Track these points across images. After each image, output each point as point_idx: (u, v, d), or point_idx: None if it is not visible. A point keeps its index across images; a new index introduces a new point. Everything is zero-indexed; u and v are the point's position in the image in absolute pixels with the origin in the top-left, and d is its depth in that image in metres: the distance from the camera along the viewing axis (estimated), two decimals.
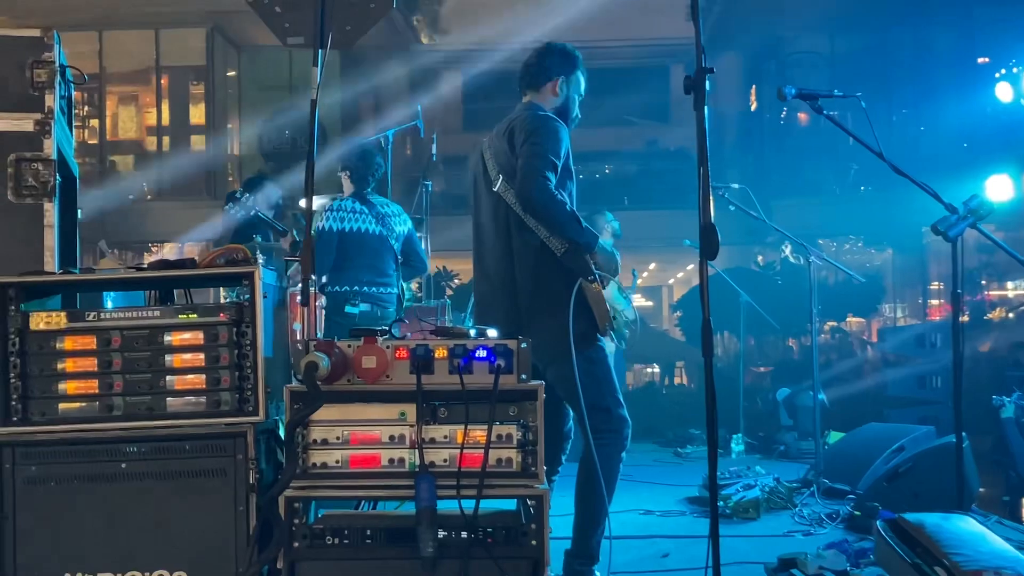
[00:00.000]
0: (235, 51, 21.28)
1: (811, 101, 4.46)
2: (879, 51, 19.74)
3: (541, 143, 4.17)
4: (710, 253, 3.35)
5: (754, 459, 8.96)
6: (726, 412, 10.02)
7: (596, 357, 4.28)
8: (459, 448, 3.12)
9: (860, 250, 21.23)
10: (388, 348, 3.18)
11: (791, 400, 9.77)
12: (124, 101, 21.78)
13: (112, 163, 21.34)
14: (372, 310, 6.38)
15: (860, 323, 18.63)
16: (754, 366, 14.69)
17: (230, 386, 3.19)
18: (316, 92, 3.49)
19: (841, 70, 20.13)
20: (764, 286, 13.82)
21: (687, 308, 15.76)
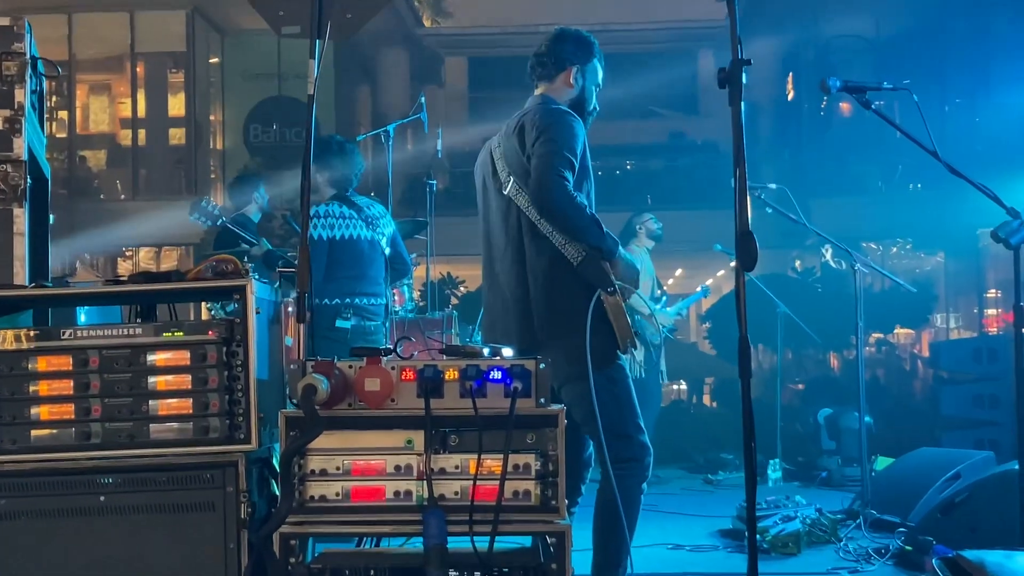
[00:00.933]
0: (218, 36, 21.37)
1: (858, 94, 4.44)
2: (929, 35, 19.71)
3: (556, 139, 4.16)
4: (747, 264, 3.34)
5: (793, 487, 8.95)
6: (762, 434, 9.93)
7: (617, 377, 4.28)
8: (472, 479, 3.12)
9: (909, 254, 21.20)
10: (393, 369, 3.18)
11: (834, 421, 9.75)
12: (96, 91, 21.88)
13: (82, 159, 21.43)
14: (363, 323, 6.39)
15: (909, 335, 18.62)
16: (791, 383, 14.68)
17: (219, 411, 3.20)
18: (313, 87, 3.50)
19: (887, 56, 20.12)
20: (802, 294, 13.82)
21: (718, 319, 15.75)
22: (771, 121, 21.77)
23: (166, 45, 20.94)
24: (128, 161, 21.27)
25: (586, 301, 4.13)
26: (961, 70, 19.41)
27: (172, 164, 20.96)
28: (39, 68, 3.83)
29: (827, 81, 4.41)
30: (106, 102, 21.83)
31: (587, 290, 4.16)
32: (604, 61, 4.68)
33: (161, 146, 21.25)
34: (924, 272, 20.19)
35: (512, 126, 4.45)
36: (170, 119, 21.36)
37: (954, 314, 20.23)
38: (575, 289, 4.20)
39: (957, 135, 18.37)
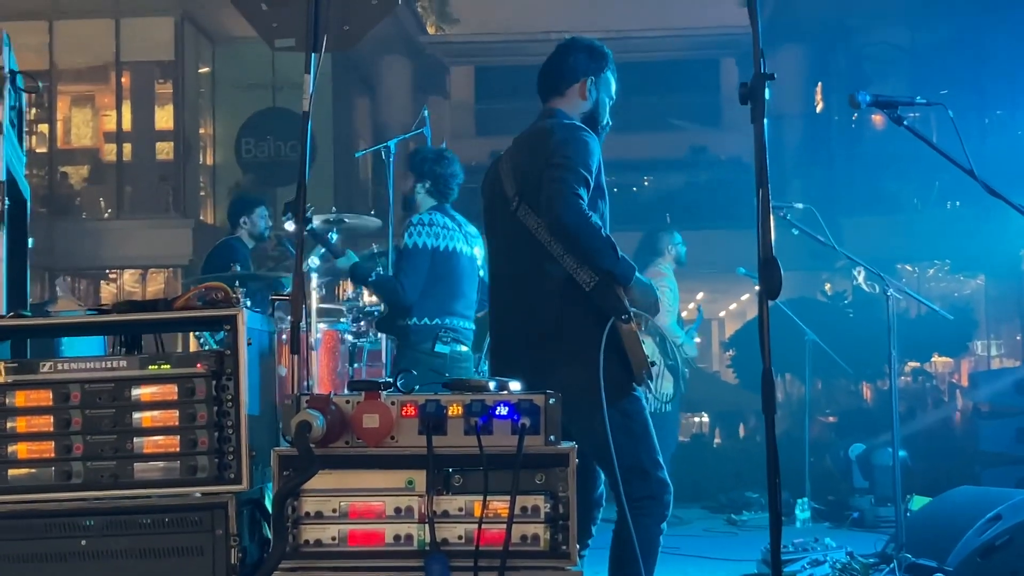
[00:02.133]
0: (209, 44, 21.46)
1: (889, 110, 4.46)
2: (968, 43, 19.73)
3: (570, 156, 4.17)
4: (772, 291, 3.35)
5: (822, 528, 8.92)
6: (789, 471, 9.98)
7: (632, 410, 4.28)
8: (477, 523, 3.13)
9: (947, 277, 21.19)
10: (393, 404, 3.19)
11: (866, 458, 9.72)
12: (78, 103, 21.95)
13: (64, 175, 21.49)
14: (457, 348, 6.36)
15: (947, 364, 18.59)
16: (821, 415, 14.66)
17: (208, 449, 3.21)
18: (309, 103, 3.54)
19: (923, 66, 20.13)
20: (833, 319, 13.82)
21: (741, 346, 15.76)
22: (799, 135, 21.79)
23: (153, 54, 20.98)
24: (112, 177, 21.32)
25: (599, 329, 4.13)
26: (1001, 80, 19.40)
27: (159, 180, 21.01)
28: (18, 83, 3.86)
29: (856, 96, 4.43)
30: (89, 114, 21.90)
31: (600, 317, 4.17)
32: (617, 72, 4.70)
33: (147, 161, 21.29)
34: (963, 296, 20.17)
35: (522, 142, 4.46)
36: (157, 132, 21.39)
37: (996, 341, 20.20)
38: (587, 316, 4.20)
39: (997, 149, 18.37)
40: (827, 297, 16.85)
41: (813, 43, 21.32)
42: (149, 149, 21.44)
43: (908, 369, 16.08)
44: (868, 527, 8.99)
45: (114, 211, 21.08)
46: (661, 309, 8.78)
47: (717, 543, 8.70)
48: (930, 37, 20.26)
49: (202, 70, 21.61)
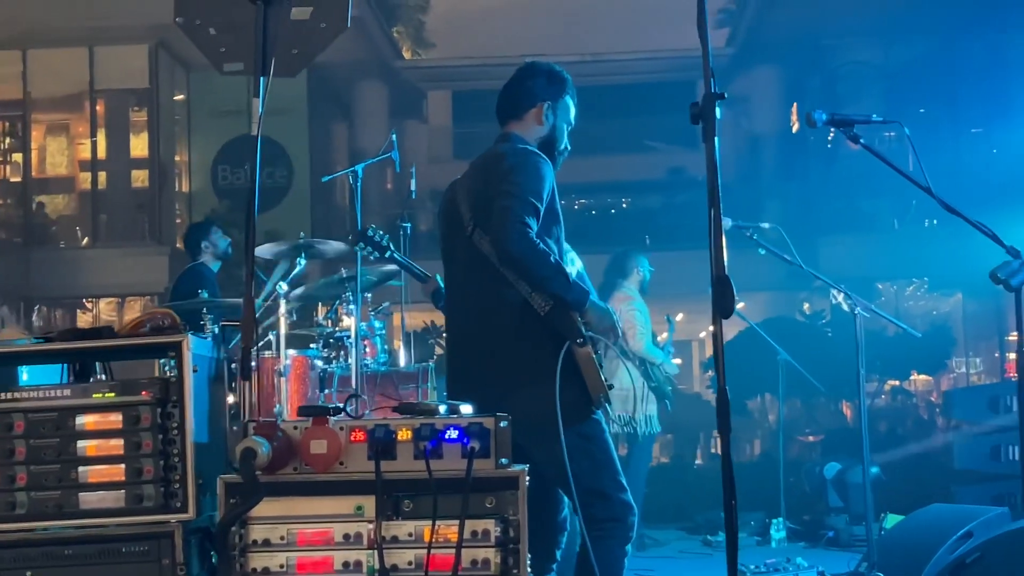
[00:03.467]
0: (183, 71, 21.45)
1: (846, 128, 4.47)
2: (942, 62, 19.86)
3: (520, 183, 4.16)
4: (724, 310, 3.35)
5: (798, 548, 8.90)
6: (765, 491, 9.97)
7: (591, 433, 4.26)
8: (426, 548, 3.10)
9: (925, 295, 21.25)
10: (342, 430, 3.17)
11: (841, 477, 9.71)
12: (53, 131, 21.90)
13: (39, 205, 21.42)
14: None
15: (926, 381, 18.62)
16: (801, 435, 14.64)
17: (154, 477, 3.18)
18: (258, 128, 3.52)
19: (898, 84, 20.24)
20: (812, 339, 13.83)
21: None
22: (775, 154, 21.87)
23: (128, 81, 20.94)
24: (88, 206, 21.26)
25: (556, 353, 4.11)
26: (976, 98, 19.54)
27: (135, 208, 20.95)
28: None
29: (812, 115, 4.44)
30: (64, 143, 21.84)
31: (556, 341, 4.15)
32: (595, 95, 4.70)
33: (123, 189, 21.23)
34: (942, 314, 20.22)
35: (477, 166, 4.46)
36: (132, 160, 21.33)
37: (974, 359, 20.24)
38: (543, 340, 4.18)
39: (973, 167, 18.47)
40: (805, 317, 16.88)
41: (788, 64, 21.42)
42: (124, 177, 21.38)
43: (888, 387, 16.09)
44: (843, 546, 8.98)
45: (90, 239, 21.02)
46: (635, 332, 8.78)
47: (692, 564, 8.69)
48: (904, 56, 20.38)
49: (177, 97, 21.58)
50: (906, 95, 19.92)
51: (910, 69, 20.17)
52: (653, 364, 8.88)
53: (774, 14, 19.84)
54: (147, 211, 20.80)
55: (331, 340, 7.68)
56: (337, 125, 23.16)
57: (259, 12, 3.56)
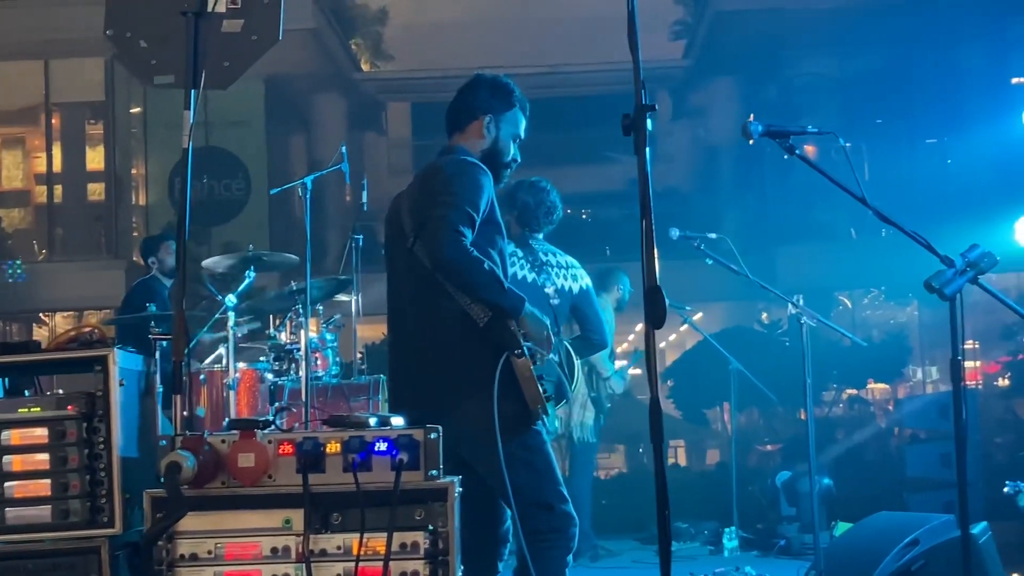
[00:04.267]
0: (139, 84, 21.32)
1: (781, 139, 4.49)
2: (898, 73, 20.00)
3: (456, 192, 4.17)
4: (656, 320, 3.36)
5: (750, 556, 8.93)
6: (718, 501, 10.01)
7: (532, 443, 4.27)
8: (355, 561, 3.10)
9: (882, 304, 21.38)
10: (270, 443, 3.16)
11: (792, 485, 9.74)
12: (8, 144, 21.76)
13: None
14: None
15: (884, 390, 18.72)
16: (760, 444, 14.69)
17: (80, 492, 3.17)
18: (188, 139, 3.52)
19: (854, 96, 20.35)
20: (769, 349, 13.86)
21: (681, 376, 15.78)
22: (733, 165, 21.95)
23: (83, 94, 20.82)
24: (44, 219, 21.12)
25: (494, 365, 4.12)
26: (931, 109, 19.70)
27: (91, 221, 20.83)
28: None
29: (748, 126, 4.45)
30: (19, 157, 21.70)
31: (495, 353, 4.16)
32: (535, 109, 4.71)
33: (79, 202, 21.11)
34: (898, 323, 20.34)
35: (418, 178, 4.46)
36: (88, 173, 21.20)
37: (931, 367, 20.38)
38: (483, 352, 4.18)
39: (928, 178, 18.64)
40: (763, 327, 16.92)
41: (744, 75, 21.51)
42: (81, 190, 21.27)
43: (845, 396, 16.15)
44: (795, 554, 9.00)
45: (47, 253, 20.88)
46: None
47: (644, 574, 8.69)
48: (860, 68, 20.50)
49: (133, 110, 21.46)
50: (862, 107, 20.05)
51: (866, 81, 20.29)
52: (600, 375, 8.89)
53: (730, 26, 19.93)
54: (104, 224, 20.68)
55: (282, 353, 7.66)
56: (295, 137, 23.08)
57: (190, 24, 3.56)
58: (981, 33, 19.15)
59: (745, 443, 13.29)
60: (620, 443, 17.77)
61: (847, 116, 19.97)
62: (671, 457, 17.00)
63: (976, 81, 19.20)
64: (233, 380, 7.12)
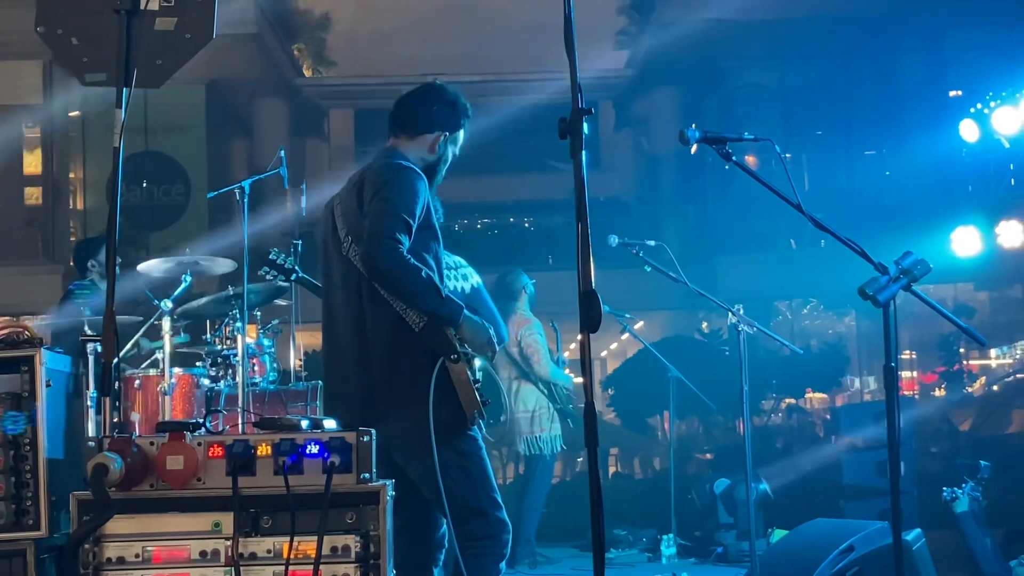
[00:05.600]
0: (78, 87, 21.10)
1: (718, 146, 4.51)
2: (837, 84, 20.20)
3: (392, 199, 4.15)
4: (591, 324, 3.35)
5: (687, 564, 8.96)
6: (656, 508, 10.03)
7: (467, 449, 4.26)
8: (284, 564, 3.07)
9: (821, 313, 21.57)
10: (200, 446, 3.13)
11: (730, 493, 9.78)
12: None
13: None
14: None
15: (822, 399, 18.87)
16: (699, 452, 14.75)
17: (5, 495, 3.13)
18: (119, 138, 3.47)
19: (794, 106, 20.54)
20: (709, 357, 13.94)
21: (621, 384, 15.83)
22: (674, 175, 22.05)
23: (21, 97, 20.54)
24: None
25: (429, 370, 4.11)
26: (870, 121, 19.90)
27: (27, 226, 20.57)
28: None
29: (685, 132, 4.48)
30: None
31: (431, 358, 4.15)
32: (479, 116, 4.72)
33: (15, 206, 20.82)
34: (836, 332, 20.53)
35: (354, 181, 4.44)
36: (25, 177, 20.94)
37: (868, 377, 20.56)
38: (418, 357, 4.17)
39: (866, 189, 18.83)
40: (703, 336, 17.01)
41: (686, 85, 21.62)
42: (17, 194, 20.99)
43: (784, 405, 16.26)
44: (732, 561, 9.04)
45: None
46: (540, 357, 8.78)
47: None
48: (800, 79, 20.69)
49: (72, 114, 21.22)
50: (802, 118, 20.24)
51: (806, 92, 20.49)
52: (557, 386, 8.93)
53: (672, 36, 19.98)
54: (40, 228, 20.44)
55: (219, 358, 7.60)
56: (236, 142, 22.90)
57: (122, 22, 3.52)
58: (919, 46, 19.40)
59: (684, 451, 13.34)
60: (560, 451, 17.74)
61: (787, 127, 20.15)
62: (612, 465, 17.00)
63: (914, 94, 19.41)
64: (169, 385, 7.06)
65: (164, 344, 7.15)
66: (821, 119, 20.30)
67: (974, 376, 17.47)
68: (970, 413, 13.82)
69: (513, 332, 8.75)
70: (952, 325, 5.01)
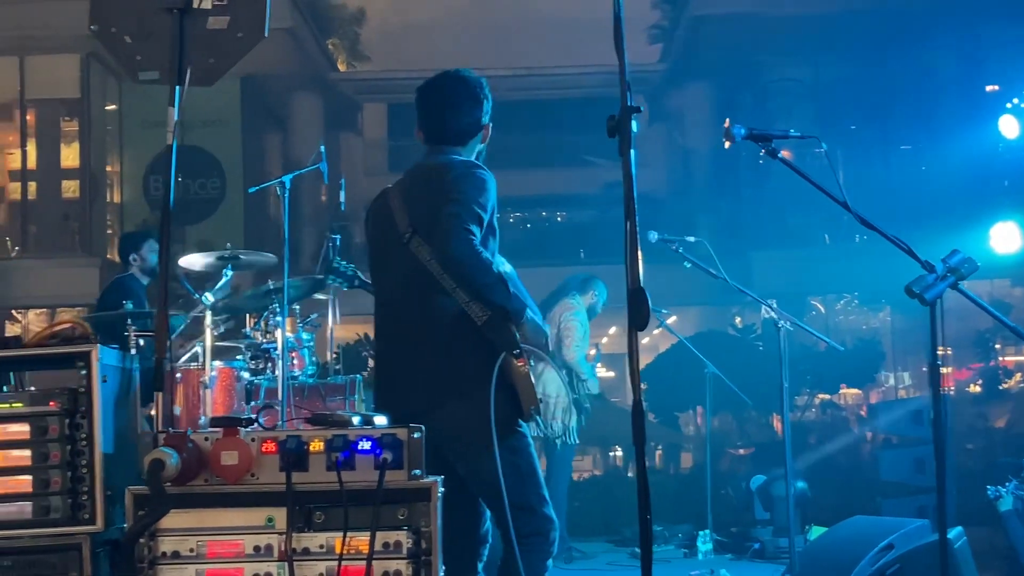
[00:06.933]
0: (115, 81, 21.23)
1: (764, 143, 4.50)
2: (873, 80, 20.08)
3: (466, 191, 4.18)
4: (639, 322, 3.36)
5: (724, 560, 8.95)
6: (692, 504, 10.02)
7: (519, 446, 4.27)
8: (337, 560, 3.09)
9: (856, 309, 21.47)
10: (253, 441, 3.15)
11: (766, 489, 9.76)
12: None
13: None
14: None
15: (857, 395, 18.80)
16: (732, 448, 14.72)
17: (61, 489, 3.15)
18: (172, 136, 3.49)
19: (829, 101, 20.44)
20: (743, 352, 13.90)
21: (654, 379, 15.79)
22: (708, 170, 21.99)
23: (59, 91, 20.72)
24: (17, 216, 21.00)
25: (489, 364, 4.11)
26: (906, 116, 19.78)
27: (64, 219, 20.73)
28: None
29: (731, 129, 4.47)
30: None
31: (491, 352, 4.15)
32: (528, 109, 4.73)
33: (53, 200, 21.00)
34: (871, 328, 20.42)
35: (417, 175, 4.45)
36: (63, 171, 21.08)
37: (903, 372, 20.46)
38: (478, 351, 4.17)
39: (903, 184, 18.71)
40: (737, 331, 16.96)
41: (720, 80, 21.56)
42: (55, 187, 21.15)
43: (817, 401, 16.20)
44: (769, 558, 9.03)
45: (20, 250, 20.76)
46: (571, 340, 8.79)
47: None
48: (835, 74, 20.58)
49: (109, 107, 21.36)
50: (837, 112, 20.13)
51: (841, 86, 20.38)
52: (578, 377, 8.91)
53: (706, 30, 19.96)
54: (77, 222, 20.58)
55: (258, 352, 7.63)
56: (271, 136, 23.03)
57: (175, 21, 3.54)
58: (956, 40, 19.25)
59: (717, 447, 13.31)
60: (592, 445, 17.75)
61: (821, 121, 20.04)
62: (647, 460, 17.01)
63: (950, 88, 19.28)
64: (210, 378, 7.09)
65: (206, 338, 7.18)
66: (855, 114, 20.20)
67: (1010, 372, 17.34)
68: (1006, 410, 13.74)
69: (557, 313, 8.81)
70: (990, 321, 4.98)
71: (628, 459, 17.68)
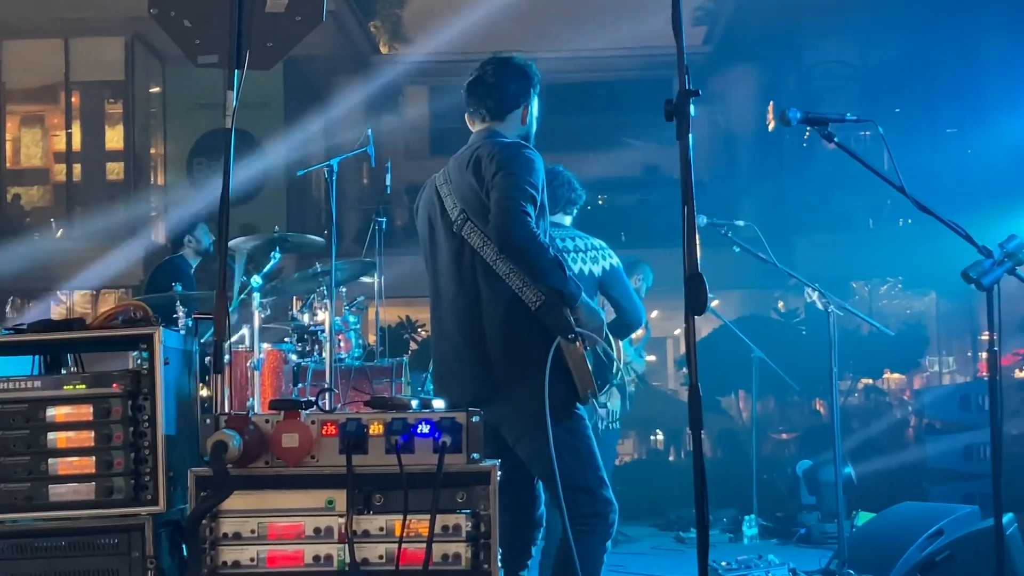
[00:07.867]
0: (159, 64, 21.32)
1: (820, 127, 4.48)
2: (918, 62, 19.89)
3: (518, 173, 4.17)
4: (697, 307, 3.36)
5: (770, 544, 8.94)
6: (738, 488, 10.00)
7: (576, 428, 4.28)
8: (397, 542, 3.11)
9: (899, 294, 21.31)
10: (314, 424, 3.18)
11: (813, 474, 9.74)
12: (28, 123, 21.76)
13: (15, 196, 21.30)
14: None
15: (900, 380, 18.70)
16: (775, 432, 14.68)
17: (124, 470, 3.18)
18: (232, 120, 3.52)
19: (873, 84, 20.26)
20: (786, 337, 13.87)
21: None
22: (751, 153, 21.87)
23: (103, 73, 20.82)
24: (63, 198, 21.16)
25: (545, 348, 4.11)
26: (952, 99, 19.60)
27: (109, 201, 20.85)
28: None
29: (787, 113, 4.45)
30: (39, 135, 21.71)
31: (546, 337, 4.15)
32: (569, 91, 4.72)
33: (98, 182, 21.13)
34: (915, 313, 20.29)
35: (464, 160, 4.45)
36: (107, 153, 21.20)
37: (948, 357, 20.32)
38: (533, 335, 4.18)
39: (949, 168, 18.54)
40: (780, 315, 16.91)
41: (764, 62, 21.44)
42: (99, 169, 21.27)
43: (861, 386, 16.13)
44: (815, 543, 9.02)
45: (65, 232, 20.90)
46: None
47: (663, 561, 8.70)
48: (880, 56, 20.40)
49: (153, 90, 21.45)
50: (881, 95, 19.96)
51: (886, 69, 20.20)
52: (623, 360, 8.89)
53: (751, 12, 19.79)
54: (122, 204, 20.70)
55: (305, 334, 7.67)
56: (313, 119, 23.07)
57: (234, 5, 3.56)
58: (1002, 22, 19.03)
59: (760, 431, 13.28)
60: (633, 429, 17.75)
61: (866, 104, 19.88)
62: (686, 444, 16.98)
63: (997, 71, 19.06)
64: (258, 360, 7.14)
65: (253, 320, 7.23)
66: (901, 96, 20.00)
67: None
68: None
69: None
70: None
71: (669, 443, 17.67)
